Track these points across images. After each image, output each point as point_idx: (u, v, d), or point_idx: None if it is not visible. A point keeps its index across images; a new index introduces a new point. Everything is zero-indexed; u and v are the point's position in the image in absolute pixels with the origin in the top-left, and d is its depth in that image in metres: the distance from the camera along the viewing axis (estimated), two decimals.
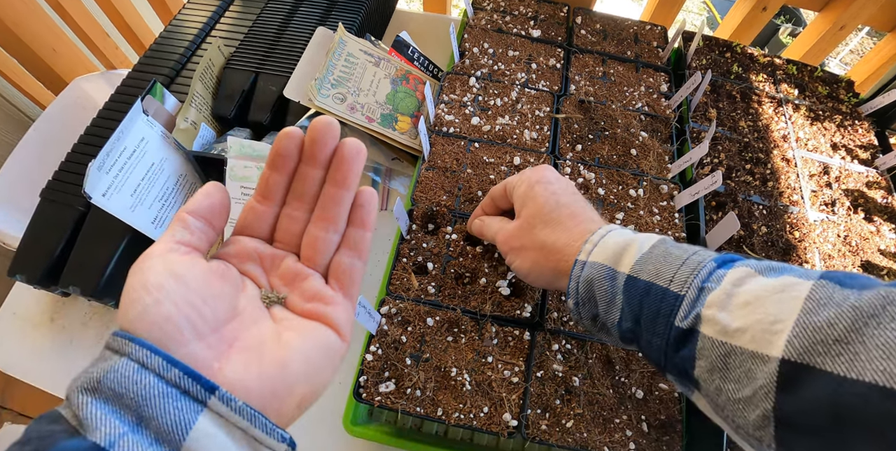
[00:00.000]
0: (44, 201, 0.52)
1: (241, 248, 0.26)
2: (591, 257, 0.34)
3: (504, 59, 0.65)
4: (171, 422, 0.18)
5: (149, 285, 0.21)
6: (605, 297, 0.33)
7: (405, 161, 0.61)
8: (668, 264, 0.31)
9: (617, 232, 0.36)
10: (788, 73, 0.77)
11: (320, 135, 0.25)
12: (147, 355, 0.19)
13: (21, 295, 0.55)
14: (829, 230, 0.61)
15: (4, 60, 0.95)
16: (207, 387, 0.19)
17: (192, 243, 0.23)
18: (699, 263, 0.30)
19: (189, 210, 0.24)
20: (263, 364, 0.22)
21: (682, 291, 0.30)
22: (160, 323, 0.20)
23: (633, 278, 0.32)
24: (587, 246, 0.35)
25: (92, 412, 0.18)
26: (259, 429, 0.20)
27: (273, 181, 0.26)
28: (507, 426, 0.41)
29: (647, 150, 0.60)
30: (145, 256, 0.22)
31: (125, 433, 0.18)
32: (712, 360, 0.27)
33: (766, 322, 0.25)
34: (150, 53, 0.63)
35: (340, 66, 0.58)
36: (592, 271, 0.34)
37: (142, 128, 0.49)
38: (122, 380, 0.19)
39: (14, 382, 0.52)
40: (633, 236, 0.35)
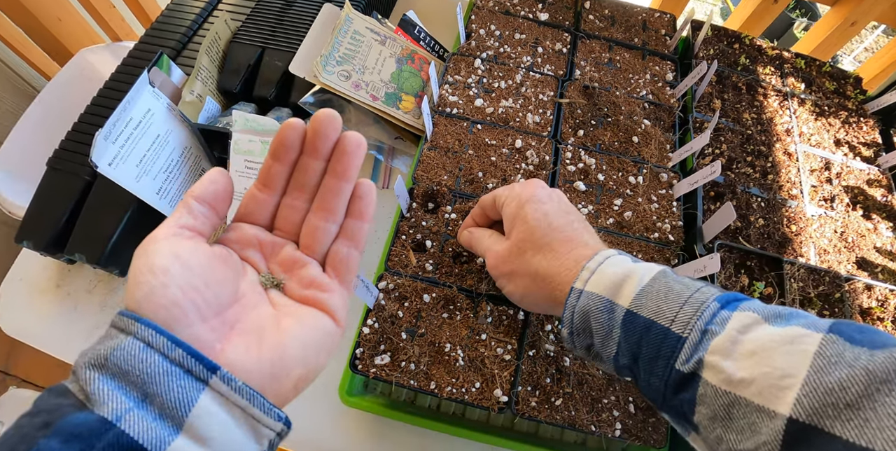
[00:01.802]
0: (50, 170, 0.52)
1: (242, 234, 0.27)
2: (587, 285, 0.33)
3: (510, 41, 0.65)
4: (175, 399, 0.19)
5: (155, 269, 0.21)
6: (602, 330, 0.32)
7: (408, 140, 0.62)
8: (669, 301, 0.30)
9: (616, 259, 0.34)
10: (796, 67, 0.76)
11: (323, 127, 0.25)
12: (152, 334, 0.20)
13: (28, 262, 0.56)
14: (827, 226, 0.62)
15: (10, 31, 0.94)
16: (209, 367, 0.20)
17: (196, 227, 0.24)
18: (702, 302, 0.29)
19: (194, 195, 0.24)
20: (263, 347, 0.23)
21: (685, 332, 0.28)
22: (166, 305, 0.21)
23: (632, 313, 0.31)
24: (584, 273, 0.34)
25: (99, 388, 0.19)
26: (257, 408, 0.21)
27: (275, 171, 0.26)
28: (497, 402, 0.42)
29: (648, 138, 0.60)
30: (150, 239, 0.23)
31: (131, 408, 0.18)
32: (715, 408, 0.27)
33: (773, 376, 0.25)
34: (157, 25, 0.63)
35: (346, 44, 0.58)
36: (589, 302, 0.32)
37: (148, 99, 0.49)
38: (129, 358, 0.19)
39: (18, 349, 0.53)
40: (632, 265, 0.33)
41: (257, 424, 0.21)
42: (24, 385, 1.02)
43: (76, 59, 0.81)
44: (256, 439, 0.21)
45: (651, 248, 0.53)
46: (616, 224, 0.54)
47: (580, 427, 0.43)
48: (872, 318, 0.55)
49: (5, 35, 0.93)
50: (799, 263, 0.56)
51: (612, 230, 0.53)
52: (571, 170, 0.56)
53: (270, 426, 0.22)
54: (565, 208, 0.39)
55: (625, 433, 0.44)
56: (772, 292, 0.53)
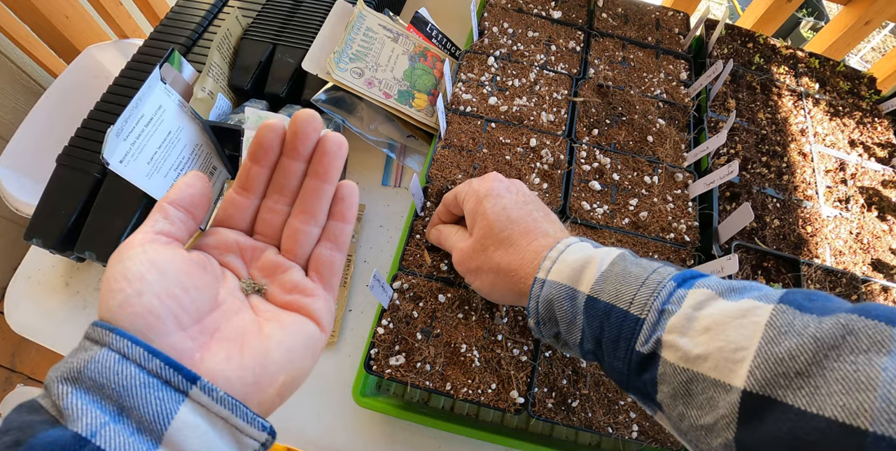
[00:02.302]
0: (60, 167, 0.52)
1: (222, 239, 0.26)
2: (549, 274, 0.33)
3: (523, 39, 0.65)
4: (153, 412, 0.18)
5: (130, 276, 0.20)
6: (566, 317, 0.32)
7: (420, 139, 0.61)
8: (627, 284, 0.30)
9: (576, 247, 0.34)
10: (810, 67, 0.75)
11: (302, 127, 0.24)
12: (128, 345, 0.19)
13: (37, 259, 0.56)
14: (842, 227, 0.61)
15: (17, 28, 0.94)
16: (189, 377, 0.20)
17: (172, 233, 0.23)
18: (658, 283, 0.30)
19: (170, 200, 0.24)
20: (244, 355, 0.22)
21: (642, 314, 0.29)
22: (142, 314, 0.20)
23: (593, 298, 0.31)
24: (545, 263, 0.34)
25: (72, 402, 0.18)
26: (240, 418, 0.20)
27: (254, 173, 0.26)
28: (513, 404, 0.42)
29: (663, 137, 0.60)
30: (125, 246, 0.22)
31: (107, 422, 0.18)
32: (675, 386, 0.27)
33: (727, 350, 0.25)
34: (167, 22, 0.62)
35: (359, 41, 0.57)
36: (552, 291, 0.32)
37: (159, 96, 0.49)
38: (104, 370, 0.18)
39: (25, 347, 0.53)
40: (592, 251, 0.33)
41: (240, 435, 0.20)
42: (30, 383, 1.02)
43: (83, 56, 0.80)
44: (240, 450, 0.21)
45: (667, 248, 0.52)
46: (632, 224, 0.53)
47: (597, 429, 0.43)
48: None
49: (12, 32, 0.93)
50: (816, 264, 0.55)
51: (628, 230, 0.52)
52: (586, 169, 0.55)
53: (254, 437, 0.21)
54: (524, 199, 0.39)
55: (642, 435, 0.43)
56: None
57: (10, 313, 0.54)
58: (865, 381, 0.21)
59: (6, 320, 0.53)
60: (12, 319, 0.53)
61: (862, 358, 0.21)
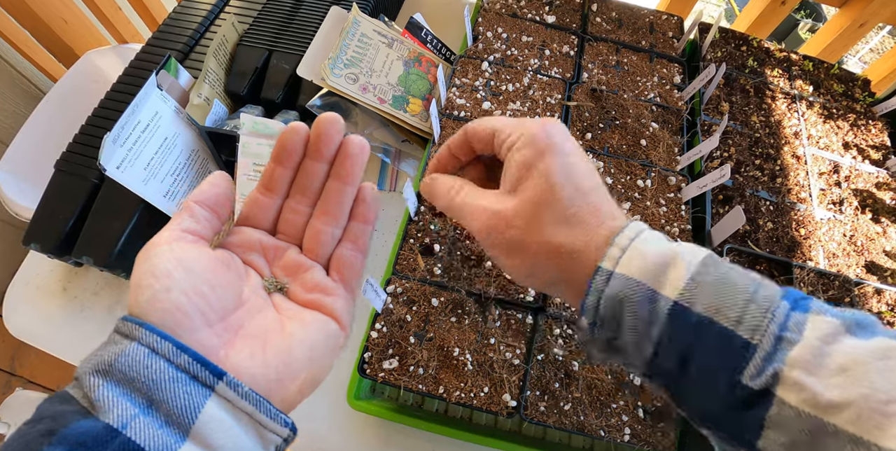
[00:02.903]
0: (58, 173, 0.52)
1: (245, 238, 0.26)
2: (619, 266, 0.26)
3: (517, 44, 0.65)
4: (181, 406, 0.19)
5: (158, 273, 0.21)
6: (638, 324, 0.25)
7: (415, 143, 0.62)
8: (730, 295, 0.24)
9: (649, 235, 0.27)
10: (804, 70, 0.76)
11: (326, 130, 0.25)
12: (157, 340, 0.20)
13: (35, 264, 0.56)
14: (836, 229, 0.61)
15: (16, 32, 0.94)
16: (215, 373, 0.20)
17: (198, 231, 0.24)
18: (770, 300, 0.24)
19: (195, 199, 0.24)
20: (267, 352, 0.23)
21: (754, 338, 0.23)
22: (170, 310, 0.21)
23: (682, 307, 0.24)
24: (612, 250, 0.26)
25: (104, 394, 0.18)
26: (264, 414, 0.21)
27: (278, 174, 0.26)
28: (506, 407, 0.42)
29: (657, 141, 0.60)
30: (152, 244, 0.23)
31: (137, 415, 0.18)
32: (794, 435, 0.22)
33: (874, 400, 0.20)
34: (164, 28, 0.63)
35: (354, 47, 0.58)
36: (624, 288, 0.25)
37: (156, 102, 0.49)
38: (134, 364, 0.19)
39: (24, 350, 0.53)
40: (672, 245, 0.27)
41: (264, 430, 0.21)
42: (30, 387, 1.02)
43: (82, 61, 0.81)
44: (263, 445, 0.21)
45: None
46: None
47: (589, 432, 0.43)
48: (882, 322, 0.54)
49: (11, 37, 0.94)
50: (808, 267, 0.55)
51: None
52: None
53: (277, 432, 0.21)
54: (592, 168, 0.30)
55: (634, 438, 0.43)
56: None
57: (8, 317, 0.54)
58: None
59: (5, 324, 0.54)
60: (11, 323, 0.54)
61: None
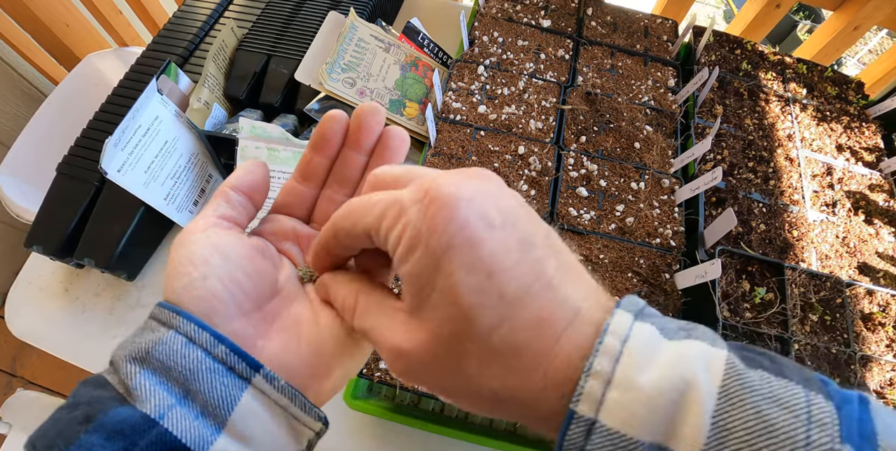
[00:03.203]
0: (60, 176, 0.53)
1: (279, 226, 0.26)
2: (602, 412, 0.16)
3: (513, 48, 0.66)
4: (218, 397, 0.19)
5: (195, 259, 0.21)
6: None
7: (412, 147, 0.62)
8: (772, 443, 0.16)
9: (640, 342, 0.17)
10: (798, 73, 0.77)
11: (366, 120, 0.24)
12: (195, 329, 0.19)
13: (37, 266, 0.57)
14: (828, 231, 0.62)
15: (18, 35, 0.95)
16: (253, 365, 0.20)
17: (233, 217, 0.23)
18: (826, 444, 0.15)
19: (231, 185, 0.24)
20: (302, 344, 0.22)
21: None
22: (206, 297, 0.20)
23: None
24: (591, 384, 0.17)
25: (141, 383, 0.18)
26: (298, 407, 0.20)
27: (315, 163, 0.25)
28: None
29: (650, 144, 0.61)
30: (189, 229, 0.22)
31: (173, 405, 0.18)
32: None
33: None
34: (164, 33, 0.63)
35: (351, 51, 0.59)
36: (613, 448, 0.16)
37: (156, 107, 0.50)
38: (171, 353, 0.19)
39: (25, 352, 0.54)
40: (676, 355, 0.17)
41: (298, 423, 0.20)
42: (31, 387, 1.03)
43: (83, 63, 0.82)
44: (296, 438, 0.21)
45: (653, 253, 0.53)
46: (618, 230, 0.54)
47: None
48: (874, 323, 0.55)
49: (13, 39, 0.95)
50: (800, 268, 0.56)
51: (614, 236, 0.53)
52: (574, 176, 0.56)
53: (310, 426, 0.21)
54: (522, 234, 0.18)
55: None
56: (773, 298, 0.54)
57: (10, 318, 0.55)
58: None
59: (7, 325, 0.55)
60: (13, 324, 0.54)
61: None
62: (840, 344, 0.52)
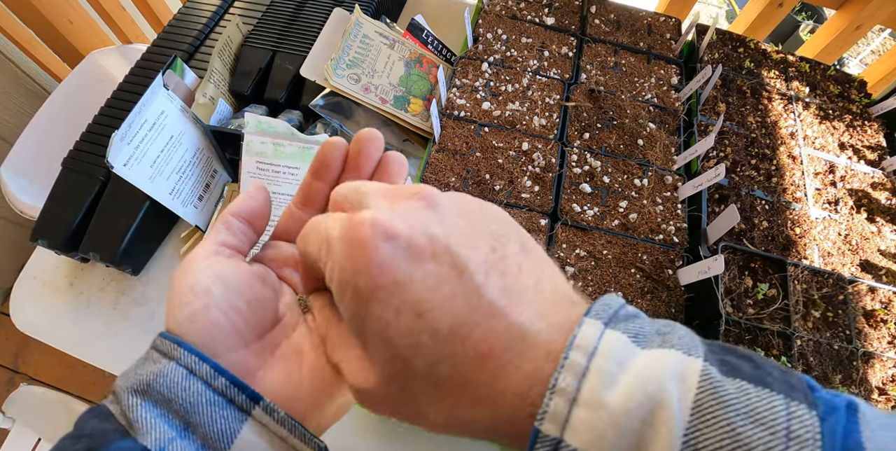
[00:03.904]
0: (66, 170, 0.53)
1: (280, 252, 0.26)
2: (568, 431, 0.16)
3: (517, 45, 0.66)
4: (218, 430, 0.19)
5: (197, 289, 0.21)
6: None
7: (416, 143, 0.62)
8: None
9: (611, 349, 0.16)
10: (801, 71, 0.77)
11: (365, 146, 0.24)
12: (195, 361, 0.19)
13: (42, 260, 0.57)
14: (831, 228, 0.62)
15: (21, 32, 0.96)
16: (252, 397, 0.20)
17: (235, 245, 0.24)
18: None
19: (233, 212, 0.24)
20: (303, 372, 0.22)
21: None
22: (209, 328, 0.20)
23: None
24: (555, 402, 0.16)
25: (142, 415, 0.18)
26: (298, 438, 0.20)
27: (315, 189, 0.26)
28: None
29: (654, 141, 0.61)
30: (191, 258, 0.22)
31: (174, 438, 0.18)
32: None
33: None
34: (170, 29, 0.64)
35: (356, 48, 0.59)
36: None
37: (162, 101, 0.50)
38: (172, 385, 0.19)
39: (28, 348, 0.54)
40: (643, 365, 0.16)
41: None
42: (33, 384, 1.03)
43: (86, 61, 0.82)
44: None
45: (656, 249, 0.53)
46: (621, 226, 0.54)
47: None
48: (876, 320, 0.55)
49: (16, 37, 0.95)
50: (803, 265, 0.56)
51: (618, 232, 0.54)
52: (577, 172, 0.56)
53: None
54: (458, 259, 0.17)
55: None
56: (776, 294, 0.54)
57: (15, 312, 0.55)
58: None
59: (12, 319, 0.55)
60: (18, 318, 0.55)
61: None
62: (842, 341, 0.52)
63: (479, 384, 0.17)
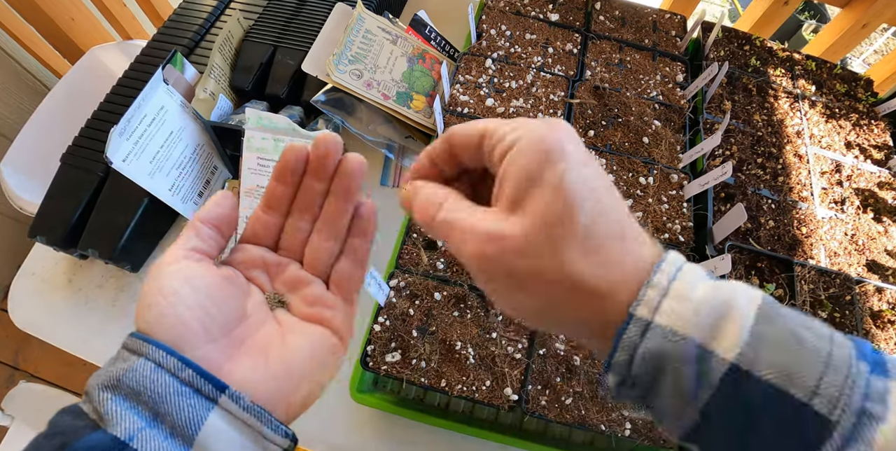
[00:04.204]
0: (64, 166, 0.53)
1: (248, 255, 0.27)
2: (658, 314, 0.20)
3: (521, 41, 0.65)
4: (185, 418, 0.20)
5: (164, 291, 0.22)
6: (683, 388, 0.20)
7: (418, 139, 0.62)
8: (802, 357, 0.20)
9: (690, 269, 0.22)
10: (807, 69, 0.76)
11: (325, 150, 0.26)
12: (163, 356, 0.21)
13: (41, 256, 0.57)
14: (837, 228, 0.61)
15: (22, 28, 0.95)
16: (218, 386, 0.21)
17: (203, 249, 0.25)
18: (847, 363, 0.20)
19: (201, 218, 0.26)
20: (269, 365, 0.23)
21: (833, 414, 0.19)
22: (176, 325, 0.22)
23: (741, 371, 0.20)
24: (649, 293, 0.21)
25: (112, 408, 0.19)
26: (265, 425, 0.22)
27: (279, 193, 0.27)
28: (507, 400, 0.43)
29: (659, 138, 0.60)
30: (161, 263, 0.24)
31: (143, 427, 0.19)
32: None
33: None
34: (170, 24, 0.63)
35: (358, 43, 0.58)
36: (665, 344, 0.20)
37: (162, 97, 0.50)
38: (141, 379, 0.20)
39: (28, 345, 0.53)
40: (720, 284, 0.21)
41: (265, 441, 0.22)
42: (33, 381, 1.02)
43: (86, 57, 0.81)
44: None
45: None
46: None
47: (590, 426, 0.43)
48: (883, 321, 0.55)
49: (17, 33, 0.94)
50: (809, 265, 0.56)
51: None
52: None
53: (277, 443, 0.22)
54: (609, 181, 0.23)
55: (634, 432, 0.44)
56: (783, 294, 0.53)
57: (14, 309, 0.55)
58: None
59: (10, 316, 0.54)
60: (16, 315, 0.54)
61: None
62: None
63: (613, 253, 0.21)
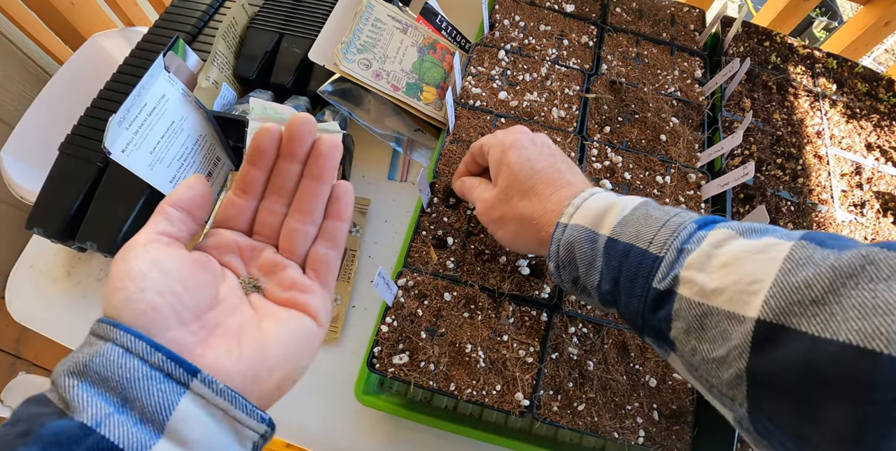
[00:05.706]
0: (62, 156, 0.51)
1: (221, 240, 0.27)
2: (572, 219, 0.34)
3: (535, 33, 0.63)
4: (155, 403, 0.19)
5: (132, 274, 0.21)
6: (585, 259, 0.33)
7: (428, 133, 0.60)
8: (648, 225, 0.31)
9: (600, 195, 0.35)
10: (828, 68, 0.74)
11: (298, 131, 0.26)
12: (131, 340, 0.20)
13: (39, 248, 0.55)
14: (857, 232, 0.60)
15: (23, 14, 0.93)
16: (190, 370, 0.20)
17: (173, 233, 0.24)
18: (679, 224, 0.30)
19: (171, 202, 0.25)
20: (243, 349, 0.23)
21: (661, 252, 0.29)
22: (144, 310, 0.21)
23: (613, 240, 0.32)
24: (568, 209, 0.35)
25: (78, 394, 0.19)
26: (240, 410, 0.21)
27: (252, 176, 0.27)
28: (518, 406, 0.41)
29: (676, 136, 0.58)
30: (128, 247, 0.23)
31: (111, 413, 0.19)
32: (689, 321, 0.27)
33: (743, 283, 0.25)
34: (173, 9, 0.61)
35: (367, 31, 0.56)
36: (573, 234, 0.33)
37: (163, 85, 0.48)
38: (108, 364, 0.19)
39: (29, 333, 0.52)
40: (615, 198, 0.34)
41: (240, 425, 0.21)
42: (34, 370, 1.02)
43: (89, 43, 0.79)
44: (239, 441, 0.21)
45: None
46: None
47: (603, 434, 0.42)
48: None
49: (18, 19, 0.92)
50: None
51: None
52: (597, 167, 0.54)
53: (253, 428, 0.22)
54: (549, 151, 0.40)
55: (648, 440, 0.42)
56: None
57: (11, 300, 0.53)
58: (883, 306, 0.20)
59: (7, 308, 0.53)
60: (14, 307, 0.53)
61: (881, 286, 0.21)
62: None
63: (544, 194, 0.37)
